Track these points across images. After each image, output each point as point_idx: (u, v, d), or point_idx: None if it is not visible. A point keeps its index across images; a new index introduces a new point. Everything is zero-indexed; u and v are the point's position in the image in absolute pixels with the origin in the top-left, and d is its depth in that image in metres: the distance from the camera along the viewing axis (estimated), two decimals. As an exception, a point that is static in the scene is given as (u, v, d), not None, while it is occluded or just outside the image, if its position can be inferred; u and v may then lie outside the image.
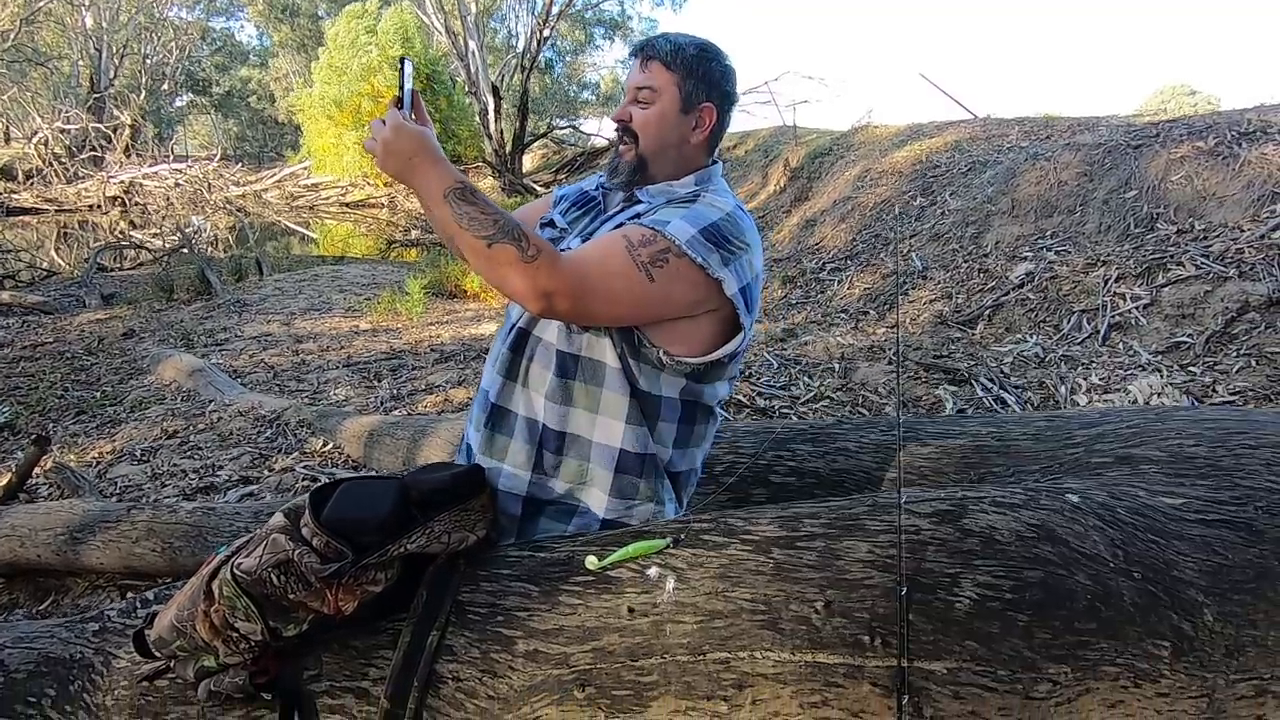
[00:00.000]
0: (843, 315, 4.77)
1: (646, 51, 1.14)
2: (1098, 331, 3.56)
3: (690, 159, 1.18)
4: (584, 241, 1.16)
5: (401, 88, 1.09)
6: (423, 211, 1.26)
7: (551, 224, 1.26)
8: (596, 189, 1.28)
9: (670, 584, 0.94)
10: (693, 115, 1.15)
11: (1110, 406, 2.75)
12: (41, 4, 16.17)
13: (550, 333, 1.11)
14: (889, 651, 0.85)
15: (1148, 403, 2.76)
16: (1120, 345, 3.42)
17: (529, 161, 19.03)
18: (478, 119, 16.95)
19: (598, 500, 1.13)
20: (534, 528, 1.15)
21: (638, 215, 1.13)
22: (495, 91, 15.01)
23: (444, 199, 1.00)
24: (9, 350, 5.26)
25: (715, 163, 1.21)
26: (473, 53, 15.42)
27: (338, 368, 4.42)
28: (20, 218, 14.45)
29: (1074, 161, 4.86)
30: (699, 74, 1.14)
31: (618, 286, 1.02)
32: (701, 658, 0.89)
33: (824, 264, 5.84)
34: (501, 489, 1.14)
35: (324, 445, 2.99)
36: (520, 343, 1.15)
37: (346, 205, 16.59)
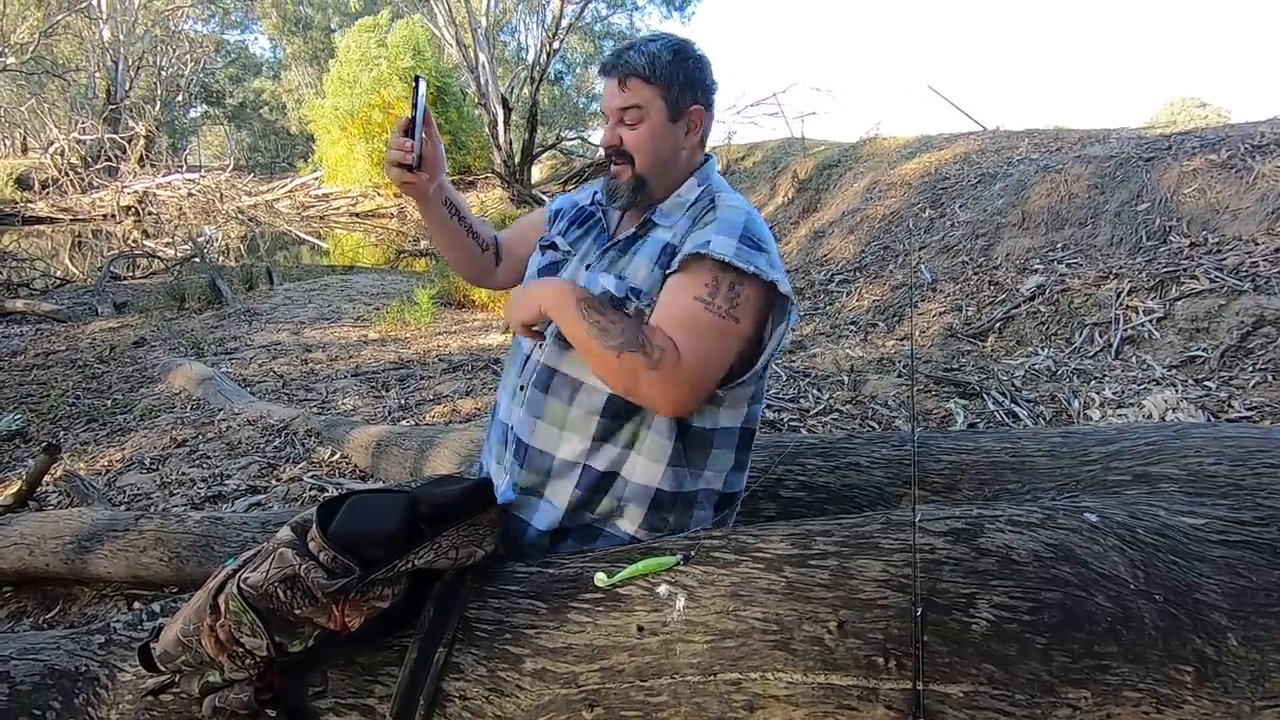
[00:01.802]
0: (852, 327, 4.75)
1: (621, 70, 1.10)
2: (1110, 345, 3.53)
3: (688, 163, 1.17)
4: (588, 268, 1.15)
5: (415, 106, 1.10)
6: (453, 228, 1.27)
7: (553, 246, 1.24)
8: (592, 204, 1.26)
9: (680, 602, 0.93)
10: (683, 122, 1.13)
11: (1127, 423, 2.72)
12: (60, 17, 16.43)
13: (593, 376, 1.08)
14: (904, 674, 0.84)
15: (1163, 417, 2.73)
16: (1133, 359, 3.39)
17: (538, 172, 19.13)
18: (487, 130, 17.05)
19: (626, 529, 1.13)
20: (560, 549, 1.14)
21: (666, 246, 1.10)
22: (505, 103, 15.12)
23: (577, 312, 1.01)
24: (22, 358, 5.30)
25: (709, 157, 1.20)
26: (483, 65, 15.54)
27: (346, 377, 4.43)
28: (35, 226, 14.65)
29: (1085, 174, 4.84)
30: (680, 79, 1.11)
31: (720, 352, 1.02)
32: (712, 678, 0.88)
33: (832, 275, 5.83)
34: (535, 525, 1.14)
35: (331, 455, 2.99)
36: (549, 381, 1.12)
37: (356, 215, 16.72)
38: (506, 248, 1.35)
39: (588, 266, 1.17)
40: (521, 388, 1.16)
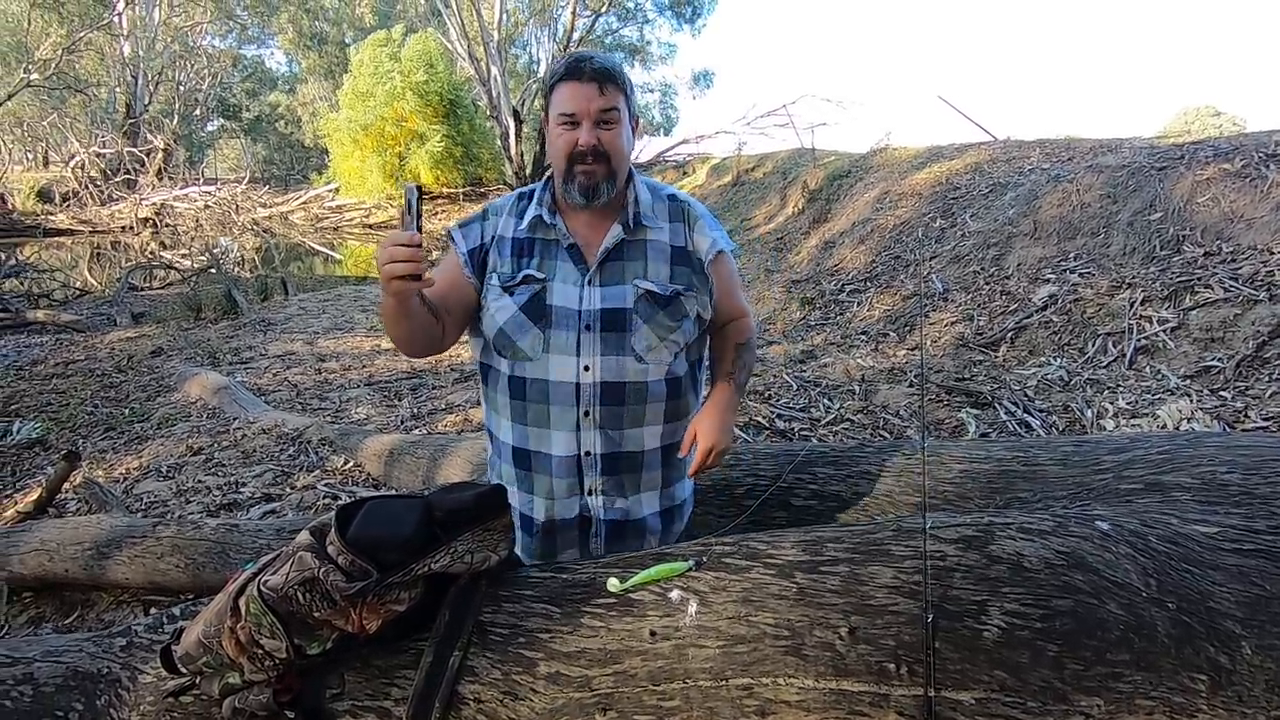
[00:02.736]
0: (863, 337, 4.74)
1: (602, 76, 1.19)
2: (1124, 355, 3.51)
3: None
4: (590, 283, 1.24)
5: (418, 215, 1.06)
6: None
7: (526, 281, 1.24)
8: (527, 231, 1.26)
9: (692, 607, 0.94)
10: (632, 124, 1.26)
11: (1139, 432, 2.70)
12: (83, 34, 16.77)
13: (657, 370, 1.25)
14: (915, 680, 0.84)
15: (1177, 428, 2.70)
16: (1147, 369, 3.36)
17: (548, 183, 19.24)
18: (499, 142, 17.22)
19: (689, 485, 1.35)
20: (674, 528, 1.34)
21: (672, 247, 1.27)
22: (516, 115, 15.26)
23: (743, 390, 1.31)
24: (42, 367, 5.39)
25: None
26: (495, 78, 15.71)
27: (359, 386, 4.48)
28: (56, 238, 14.91)
29: (1097, 183, 4.83)
30: (632, 87, 1.26)
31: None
32: (724, 683, 0.88)
33: (843, 285, 5.82)
34: (646, 514, 1.29)
35: (345, 463, 3.01)
36: (622, 394, 1.23)
37: (370, 226, 16.90)
38: (445, 309, 1.28)
39: (589, 281, 1.23)
40: (586, 414, 1.22)
